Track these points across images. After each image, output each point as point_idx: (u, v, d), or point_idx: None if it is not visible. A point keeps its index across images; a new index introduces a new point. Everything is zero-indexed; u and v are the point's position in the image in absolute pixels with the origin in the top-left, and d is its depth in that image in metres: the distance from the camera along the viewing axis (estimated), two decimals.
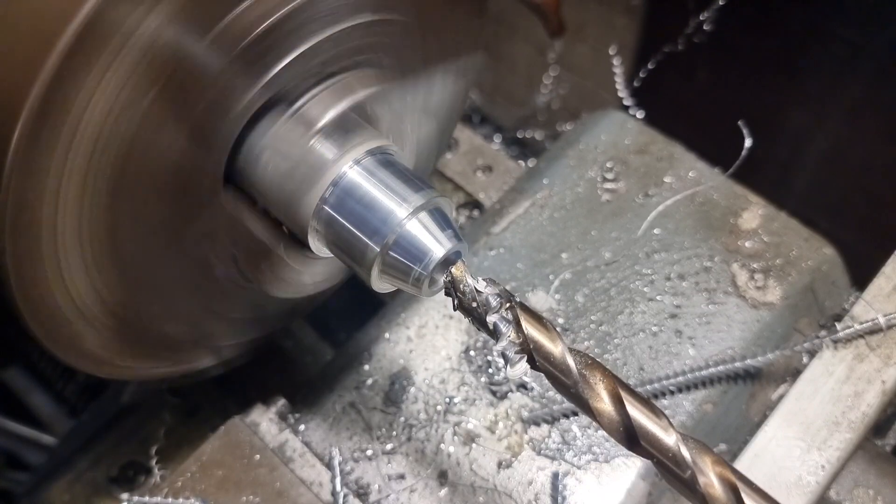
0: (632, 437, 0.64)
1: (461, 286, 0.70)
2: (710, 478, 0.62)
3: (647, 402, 0.65)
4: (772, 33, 1.58)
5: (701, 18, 1.34)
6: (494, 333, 0.69)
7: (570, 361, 0.66)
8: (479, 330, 0.71)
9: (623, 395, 0.65)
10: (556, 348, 0.66)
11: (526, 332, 0.67)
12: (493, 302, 0.69)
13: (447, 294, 0.72)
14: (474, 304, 0.69)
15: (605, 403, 0.65)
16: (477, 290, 0.70)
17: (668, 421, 0.64)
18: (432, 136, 1.01)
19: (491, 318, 0.69)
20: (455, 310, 0.72)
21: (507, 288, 0.71)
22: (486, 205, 1.21)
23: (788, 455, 0.86)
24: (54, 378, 1.34)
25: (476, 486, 0.90)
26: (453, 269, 0.71)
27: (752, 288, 1.02)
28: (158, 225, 0.74)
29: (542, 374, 0.67)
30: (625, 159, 1.14)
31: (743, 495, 0.61)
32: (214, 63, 0.67)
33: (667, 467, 0.63)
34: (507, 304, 0.69)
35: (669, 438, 0.63)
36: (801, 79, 1.60)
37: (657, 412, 0.64)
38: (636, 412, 0.64)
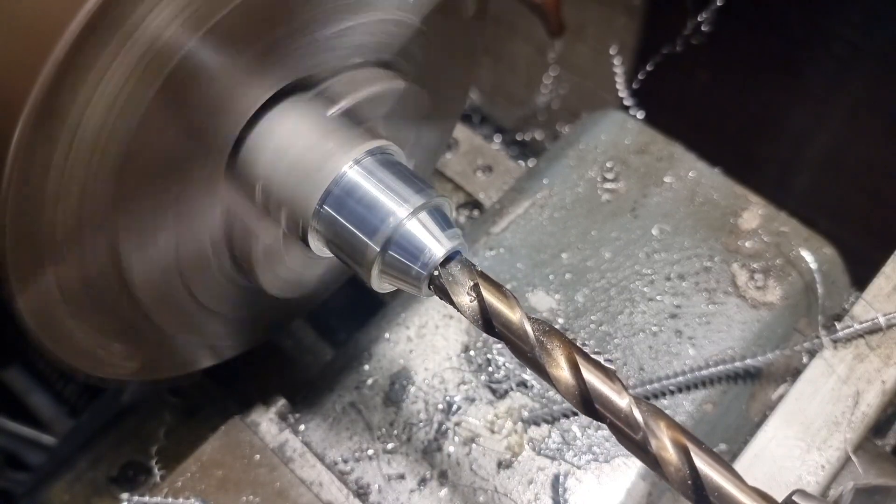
0: (587, 402, 0.65)
1: None
2: (664, 441, 0.62)
3: (603, 367, 0.66)
4: (772, 33, 1.58)
5: (700, 19, 1.34)
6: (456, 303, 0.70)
7: (528, 328, 0.67)
8: (440, 298, 0.71)
9: (579, 360, 0.66)
10: (514, 315, 0.67)
11: (486, 299, 0.68)
12: (455, 271, 0.70)
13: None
14: (436, 273, 0.71)
15: (562, 369, 0.66)
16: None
17: (623, 385, 0.65)
18: (431, 142, 1.00)
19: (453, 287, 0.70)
20: None
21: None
22: (486, 205, 1.20)
23: (788, 455, 0.86)
24: (54, 378, 1.34)
25: (476, 486, 0.90)
26: None
27: (752, 288, 1.02)
28: (158, 223, 0.74)
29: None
30: (625, 159, 1.14)
31: (694, 457, 0.61)
32: (216, 61, 0.67)
33: (619, 429, 0.64)
34: (468, 273, 0.70)
35: (622, 401, 0.64)
36: (801, 79, 1.60)
37: (612, 377, 0.65)
38: (591, 377, 0.65)
